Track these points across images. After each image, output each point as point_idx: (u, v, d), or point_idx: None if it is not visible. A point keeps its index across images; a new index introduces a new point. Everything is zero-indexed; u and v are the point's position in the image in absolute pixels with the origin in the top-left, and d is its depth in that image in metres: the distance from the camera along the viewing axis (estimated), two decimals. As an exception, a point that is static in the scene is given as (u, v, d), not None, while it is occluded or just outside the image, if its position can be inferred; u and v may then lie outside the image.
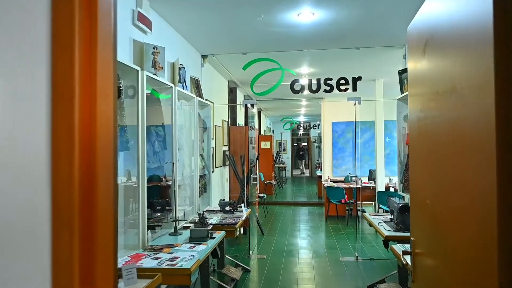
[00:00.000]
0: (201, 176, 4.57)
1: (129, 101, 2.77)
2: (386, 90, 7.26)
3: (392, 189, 7.27)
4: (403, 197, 4.71)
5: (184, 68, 3.99)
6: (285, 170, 15.46)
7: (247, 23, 3.83)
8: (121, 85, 2.63)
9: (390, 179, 7.59)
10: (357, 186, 6.56)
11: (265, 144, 11.26)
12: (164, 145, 3.42)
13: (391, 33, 4.24)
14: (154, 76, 3.09)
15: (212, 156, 5.45)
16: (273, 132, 16.36)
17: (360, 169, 9.16)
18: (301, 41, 4.42)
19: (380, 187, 6.95)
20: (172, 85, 3.47)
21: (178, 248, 2.69)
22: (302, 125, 14.71)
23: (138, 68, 2.77)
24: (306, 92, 4.82)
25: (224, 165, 6.30)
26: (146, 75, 2.87)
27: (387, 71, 6.18)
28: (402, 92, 4.40)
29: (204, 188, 4.71)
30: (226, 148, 6.51)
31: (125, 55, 2.81)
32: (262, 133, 12.40)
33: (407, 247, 2.62)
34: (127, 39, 2.88)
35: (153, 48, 3.20)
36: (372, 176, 7.77)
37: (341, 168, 9.27)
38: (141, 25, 3.03)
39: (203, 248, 2.68)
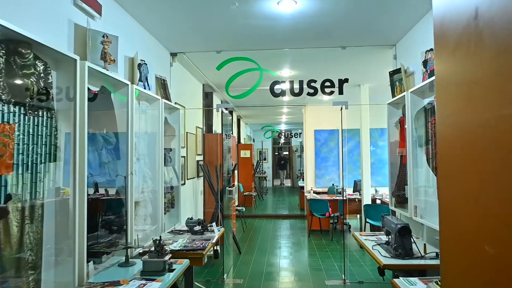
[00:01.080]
0: (168, 189, 3.98)
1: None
2: (372, 96, 6.87)
3: (378, 201, 6.84)
4: (393, 212, 4.24)
5: (146, 65, 3.43)
6: (266, 180, 14.93)
7: (220, 14, 3.31)
8: (50, 79, 2.05)
9: (376, 190, 7.17)
10: (344, 198, 6.07)
11: (245, 153, 10.72)
12: (117, 155, 2.83)
13: (380, 30, 3.81)
14: (102, 69, 2.51)
15: (183, 167, 4.87)
16: (253, 140, 15.85)
17: (344, 180, 8.74)
18: (281, 37, 3.94)
19: (366, 199, 6.49)
20: (129, 83, 2.90)
21: (125, 287, 2.10)
22: (283, 133, 14.25)
23: (77, 57, 2.19)
24: (287, 96, 4.32)
25: (198, 176, 5.72)
26: (88, 66, 2.29)
27: (374, 75, 5.77)
28: (393, 95, 3.95)
29: (172, 203, 4.11)
30: (201, 158, 5.93)
31: (60, 40, 2.23)
32: (242, 141, 11.87)
33: (413, 281, 2.11)
34: (65, 21, 2.30)
35: (103, 37, 2.63)
36: (357, 187, 7.33)
37: (324, 178, 8.81)
38: (85, 6, 2.46)
39: (157, 287, 2.09)
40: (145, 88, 3.37)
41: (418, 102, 3.43)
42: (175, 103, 4.49)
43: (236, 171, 9.63)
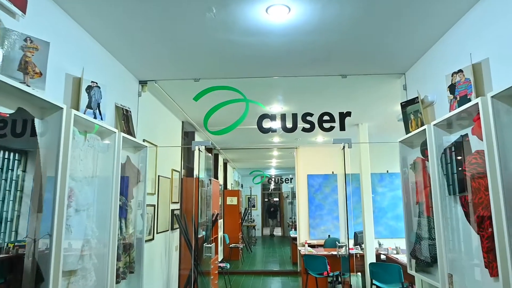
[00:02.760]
0: (125, 248, 3.08)
1: None
2: (371, 138, 6.21)
3: (383, 256, 5.94)
4: (410, 277, 3.38)
5: (99, 88, 2.68)
6: (255, 229, 13.87)
7: (196, 30, 2.65)
8: None
9: (379, 244, 6.29)
10: (347, 254, 5.09)
11: (232, 200, 9.81)
12: (35, 206, 1.99)
13: (389, 56, 3.19)
14: (17, 84, 1.74)
15: (152, 218, 3.99)
16: (241, 186, 14.96)
17: (340, 231, 7.86)
18: (271, 60, 3.27)
19: (370, 255, 5.59)
20: (64, 106, 2.13)
21: None
22: (273, 179, 13.45)
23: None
24: (278, 137, 3.59)
25: (172, 229, 4.81)
26: (-17, 74, 1.53)
27: (376, 111, 5.12)
28: (407, 131, 3.25)
29: (131, 267, 3.19)
30: (177, 206, 5.05)
31: None
32: (229, 187, 10.99)
33: None
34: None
35: (24, 40, 1.89)
36: (357, 239, 6.44)
37: (319, 229, 7.91)
38: (-5, -5, 1.75)
39: None
40: (95, 118, 2.60)
41: (444, 137, 2.71)
42: (144, 140, 3.71)
43: (220, 221, 8.67)
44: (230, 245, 9.23)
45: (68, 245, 2.26)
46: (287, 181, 13.00)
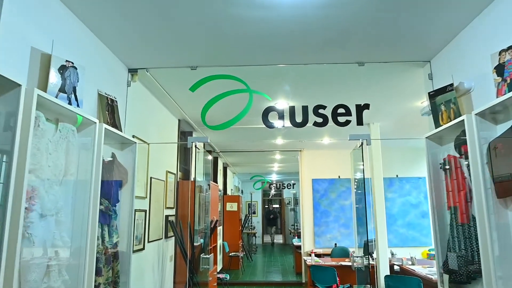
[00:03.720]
0: (108, 261, 2.62)
1: None
2: (383, 138, 5.77)
3: (396, 267, 5.47)
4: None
5: (75, 69, 2.25)
6: (255, 236, 13.36)
7: (193, 7, 2.22)
8: None
9: (392, 253, 5.81)
10: (369, 264, 4.48)
11: (231, 206, 9.33)
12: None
13: (414, 40, 2.76)
14: None
15: (143, 225, 3.53)
16: (242, 192, 14.48)
17: (347, 240, 7.39)
18: (278, 43, 2.84)
19: (383, 266, 5.12)
20: (22, 84, 1.69)
21: None
22: (274, 184, 12.98)
23: None
24: (285, 126, 3.14)
25: (166, 237, 4.34)
26: None
27: (391, 109, 4.68)
28: (437, 124, 2.80)
29: (115, 282, 2.72)
30: (172, 212, 4.59)
31: None
32: (229, 192, 10.53)
33: None
34: None
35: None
36: (368, 249, 5.95)
37: (324, 237, 7.43)
38: None
39: None
40: (69, 103, 2.15)
41: (487, 129, 2.27)
42: (134, 136, 3.27)
43: (219, 228, 8.19)
44: (230, 254, 8.74)
45: (29, 258, 1.81)
46: (289, 187, 12.53)
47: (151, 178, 3.82)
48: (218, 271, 7.99)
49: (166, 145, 4.54)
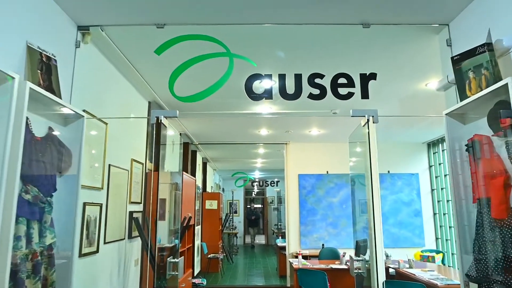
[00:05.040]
0: (36, 268, 1.95)
1: None
2: (380, 131, 5.23)
3: (392, 270, 4.95)
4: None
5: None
6: (237, 237, 12.73)
7: None
8: None
9: (387, 255, 5.30)
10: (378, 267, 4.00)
11: (211, 204, 8.68)
12: None
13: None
14: None
15: (98, 222, 2.87)
16: (223, 190, 13.83)
17: (335, 240, 6.86)
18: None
19: (380, 269, 4.56)
20: None
21: None
22: (257, 182, 12.39)
23: None
24: (274, 98, 2.55)
25: (130, 236, 3.68)
26: None
27: (394, 90, 4.14)
28: (463, 96, 2.25)
29: (48, 297, 2.05)
30: (138, 208, 3.92)
31: None
32: (209, 190, 9.87)
33: None
34: None
35: None
36: (360, 250, 5.41)
37: (311, 237, 6.87)
38: None
39: None
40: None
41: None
42: (85, 111, 2.60)
43: (197, 227, 7.53)
44: (209, 256, 8.09)
45: None
46: (272, 184, 11.96)
47: (109, 165, 3.15)
48: (195, 275, 7.32)
49: (132, 129, 3.87)
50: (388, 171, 7.06)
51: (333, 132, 6.23)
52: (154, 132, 3.88)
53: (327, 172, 7.06)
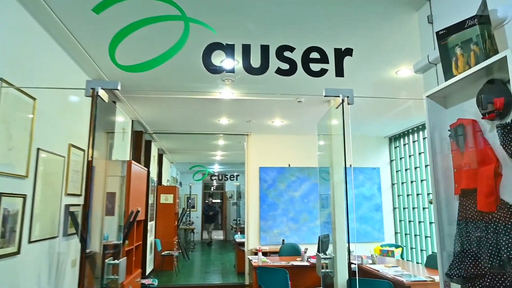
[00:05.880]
0: None
1: None
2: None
3: (353, 266, 4.77)
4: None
5: None
6: (194, 232, 12.25)
7: None
8: None
9: (349, 250, 5.11)
10: (352, 265, 3.75)
11: (166, 198, 8.17)
12: None
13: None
14: None
15: (21, 216, 2.36)
16: (180, 184, 13.27)
17: (296, 235, 6.65)
18: None
19: (341, 265, 4.38)
20: None
21: None
22: (216, 175, 11.98)
23: None
24: (236, 72, 2.19)
25: (66, 234, 3.17)
26: None
27: (365, 77, 3.92)
28: (449, 75, 2.01)
29: None
30: (77, 201, 3.41)
31: None
32: (165, 183, 9.32)
33: None
34: None
35: None
36: (322, 246, 5.21)
37: (271, 232, 6.61)
38: None
39: None
40: None
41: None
42: (1, 79, 2.09)
43: (150, 223, 7.01)
44: (163, 253, 7.59)
45: None
46: (232, 178, 11.60)
47: (38, 149, 2.64)
48: (147, 274, 6.82)
49: (71, 109, 3.34)
50: (350, 165, 6.93)
51: (296, 123, 5.98)
52: (92, 109, 3.38)
53: (289, 165, 6.82)
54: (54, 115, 2.91)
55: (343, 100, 2.19)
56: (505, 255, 1.64)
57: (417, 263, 5.99)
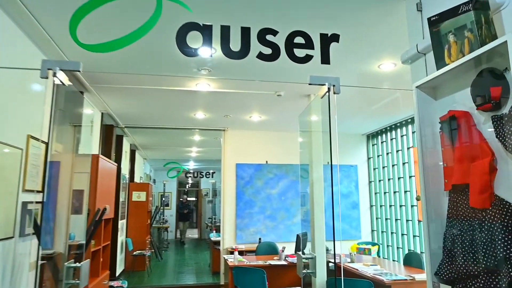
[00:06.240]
0: None
1: None
2: (326, 119, 4.91)
3: (331, 264, 4.67)
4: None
5: None
6: (168, 231, 11.93)
7: None
8: None
9: (327, 249, 5.02)
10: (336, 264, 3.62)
11: (139, 196, 7.85)
12: None
13: None
14: None
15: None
16: (154, 181, 12.89)
17: (272, 234, 6.52)
18: None
19: (320, 264, 4.26)
20: None
21: None
22: (191, 173, 11.69)
23: None
24: (212, 55, 2.00)
25: (23, 234, 2.88)
26: None
27: (348, 70, 3.79)
28: (441, 64, 1.90)
29: None
30: (36, 197, 3.12)
31: None
32: (137, 180, 8.98)
33: None
34: None
35: None
36: (300, 244, 5.10)
37: (247, 230, 6.44)
38: None
39: None
40: None
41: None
42: None
43: (121, 222, 6.70)
44: (134, 253, 7.28)
45: None
46: (207, 175, 11.35)
47: (-10, 140, 2.35)
48: (117, 275, 6.51)
49: (29, 97, 3.04)
50: (328, 162, 6.86)
51: (274, 119, 5.83)
52: (52, 95, 3.09)
53: (267, 162, 6.67)
54: (7, 101, 2.62)
55: (329, 89, 2.04)
56: (501, 254, 1.54)
57: (393, 260, 5.98)
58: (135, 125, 6.26)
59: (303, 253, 5.11)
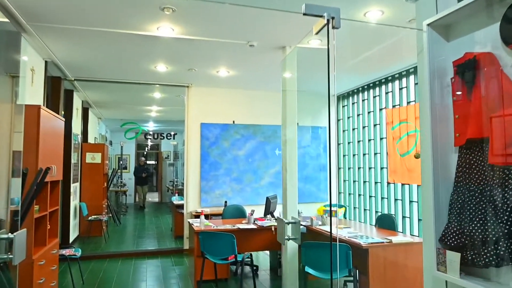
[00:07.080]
0: None
1: None
2: (300, 80, 4.56)
3: (303, 228, 4.53)
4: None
5: None
6: (126, 195, 11.40)
7: None
8: None
9: (299, 212, 4.85)
10: (332, 230, 3.36)
11: (93, 157, 7.24)
12: None
13: None
14: None
15: None
16: (111, 143, 12.13)
17: (239, 196, 6.28)
18: None
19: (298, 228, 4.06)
20: None
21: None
22: (151, 134, 11.07)
23: None
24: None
25: None
26: None
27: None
28: (462, -6, 1.58)
29: None
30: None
31: None
32: (91, 141, 8.29)
33: None
34: None
35: None
36: (269, 207, 4.88)
37: (212, 193, 6.14)
38: None
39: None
40: None
41: None
42: None
43: (74, 185, 6.13)
44: (89, 218, 6.79)
45: None
46: (169, 137, 10.79)
47: None
48: (70, 241, 6.04)
49: None
50: (298, 124, 6.61)
51: (244, 75, 5.41)
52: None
53: (234, 122, 6.29)
54: None
55: (328, 21, 1.67)
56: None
57: (359, 222, 5.98)
58: (86, 78, 5.57)
59: (272, 216, 4.92)
